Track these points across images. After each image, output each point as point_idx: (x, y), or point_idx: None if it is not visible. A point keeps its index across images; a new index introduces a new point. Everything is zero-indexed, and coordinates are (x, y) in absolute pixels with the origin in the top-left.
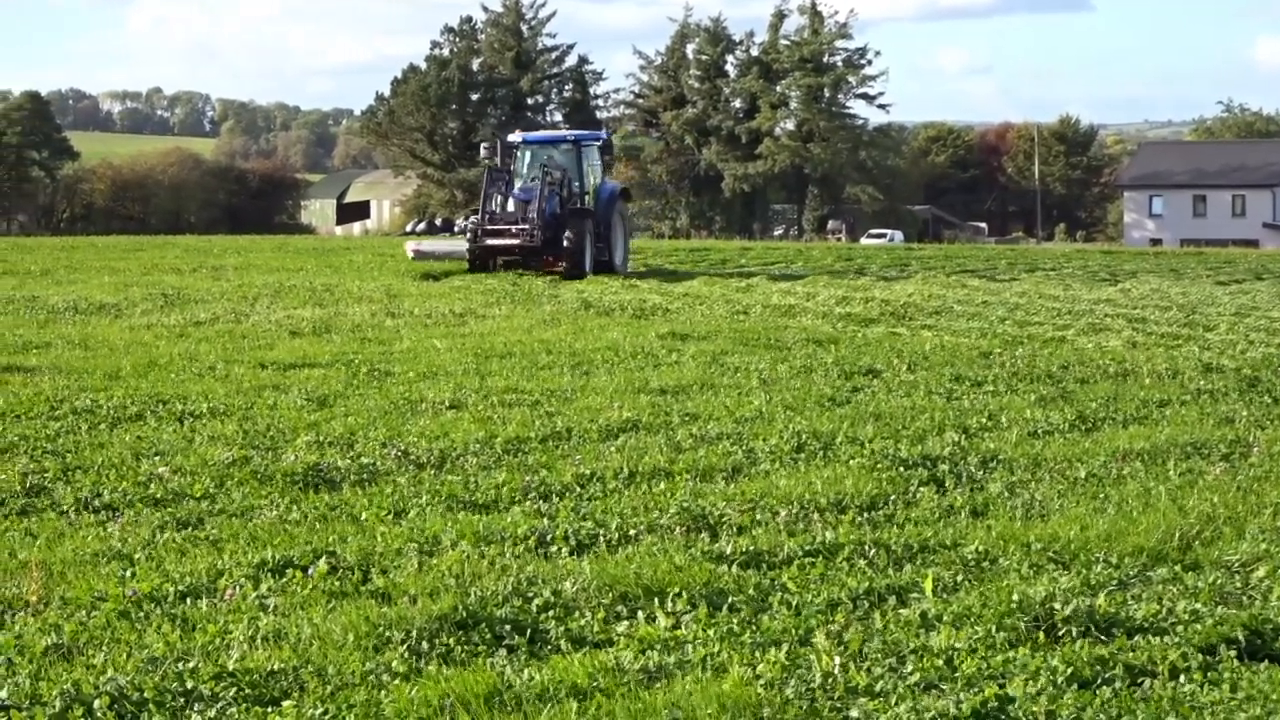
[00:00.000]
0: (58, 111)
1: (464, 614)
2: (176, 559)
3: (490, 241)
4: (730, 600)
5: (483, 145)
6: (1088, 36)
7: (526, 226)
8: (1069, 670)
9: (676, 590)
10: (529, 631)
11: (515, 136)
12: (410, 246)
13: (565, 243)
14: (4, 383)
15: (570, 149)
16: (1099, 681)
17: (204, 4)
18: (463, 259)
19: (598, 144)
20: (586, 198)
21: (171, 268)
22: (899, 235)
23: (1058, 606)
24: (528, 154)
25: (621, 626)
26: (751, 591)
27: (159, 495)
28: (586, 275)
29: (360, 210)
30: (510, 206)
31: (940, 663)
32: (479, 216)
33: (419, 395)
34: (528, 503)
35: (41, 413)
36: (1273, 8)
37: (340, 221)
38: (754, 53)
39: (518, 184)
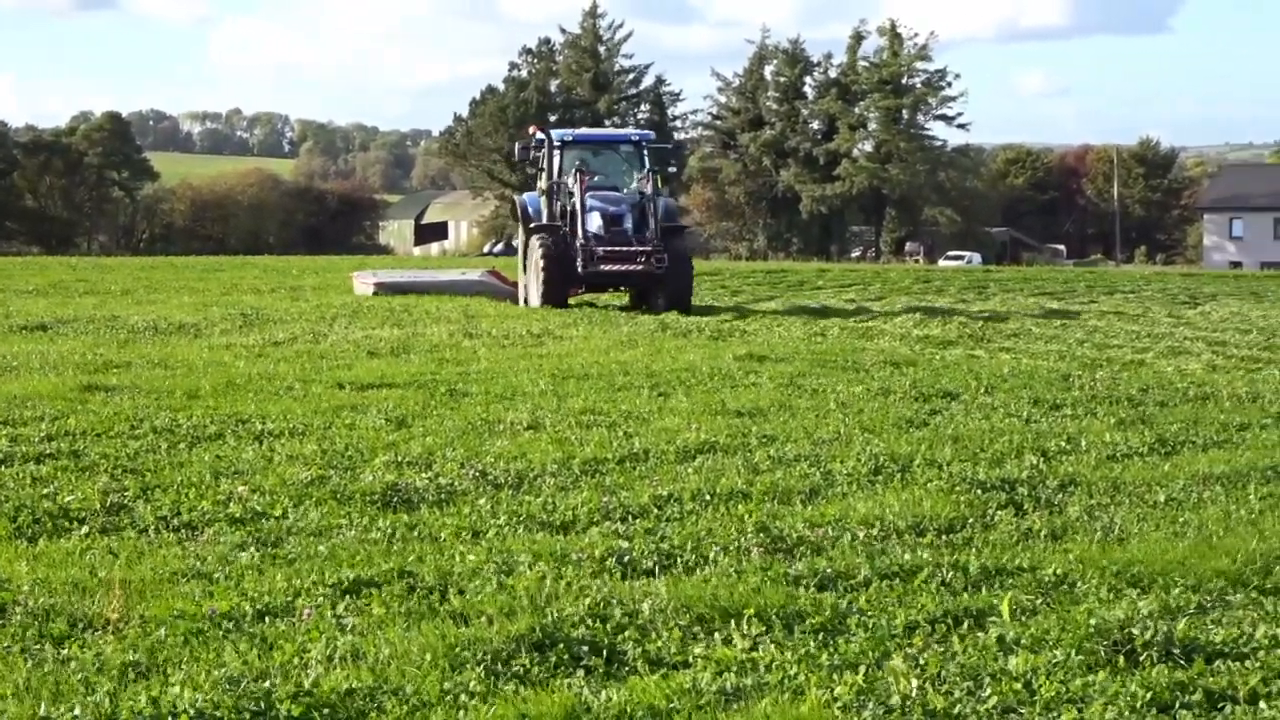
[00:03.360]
0: (138, 132)
1: (540, 634)
2: (255, 578)
3: (607, 268)
4: (807, 622)
5: (518, 146)
6: (1167, 58)
7: (649, 249)
8: (1148, 695)
9: (753, 612)
10: (605, 652)
11: (560, 134)
12: (364, 279)
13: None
14: (85, 401)
15: (633, 151)
16: (1178, 706)
17: (284, 28)
18: (425, 291)
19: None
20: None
21: (250, 288)
22: (977, 257)
23: (1136, 631)
24: (572, 156)
25: (698, 648)
26: (828, 613)
27: (238, 514)
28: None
29: (438, 231)
30: (591, 224)
31: (1018, 686)
32: (581, 238)
33: (497, 416)
34: (605, 524)
35: (121, 431)
36: None
37: (418, 242)
38: (832, 74)
39: (587, 195)
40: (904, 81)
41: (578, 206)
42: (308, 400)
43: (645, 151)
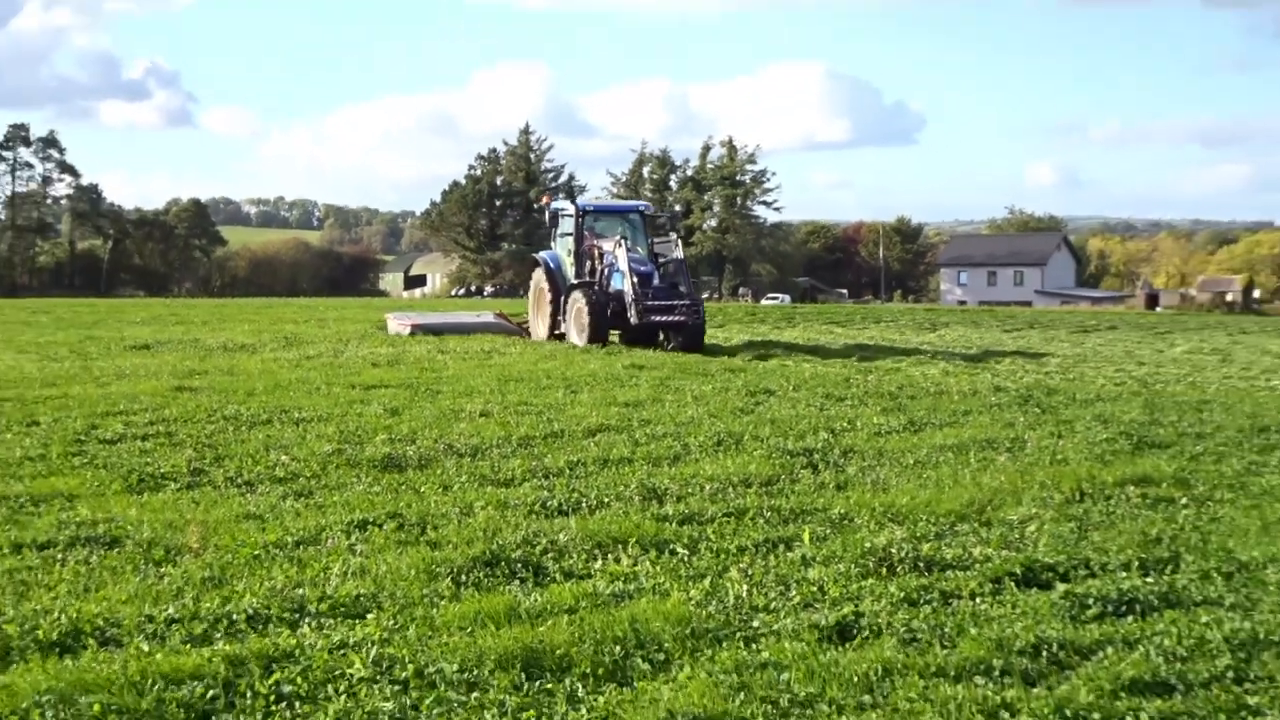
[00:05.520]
0: (211, 212)
1: (489, 556)
2: (293, 518)
3: (656, 318)
4: (671, 546)
5: (546, 213)
6: (915, 161)
7: (686, 302)
8: (901, 594)
9: (635, 540)
10: (534, 568)
11: (583, 204)
12: (401, 320)
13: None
14: (176, 398)
15: (638, 218)
16: (922, 601)
17: (312, 140)
18: (452, 332)
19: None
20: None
21: (290, 320)
22: (787, 298)
23: (894, 551)
24: (590, 221)
25: (597, 564)
26: (686, 540)
27: (281, 475)
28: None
29: (420, 280)
30: (617, 282)
31: (814, 588)
32: (632, 294)
33: (459, 407)
34: (534, 480)
35: (201, 418)
36: (1036, 147)
37: (406, 288)
38: (689, 173)
39: (620, 255)
40: (737, 178)
41: (622, 267)
42: (329, 396)
43: (645, 218)
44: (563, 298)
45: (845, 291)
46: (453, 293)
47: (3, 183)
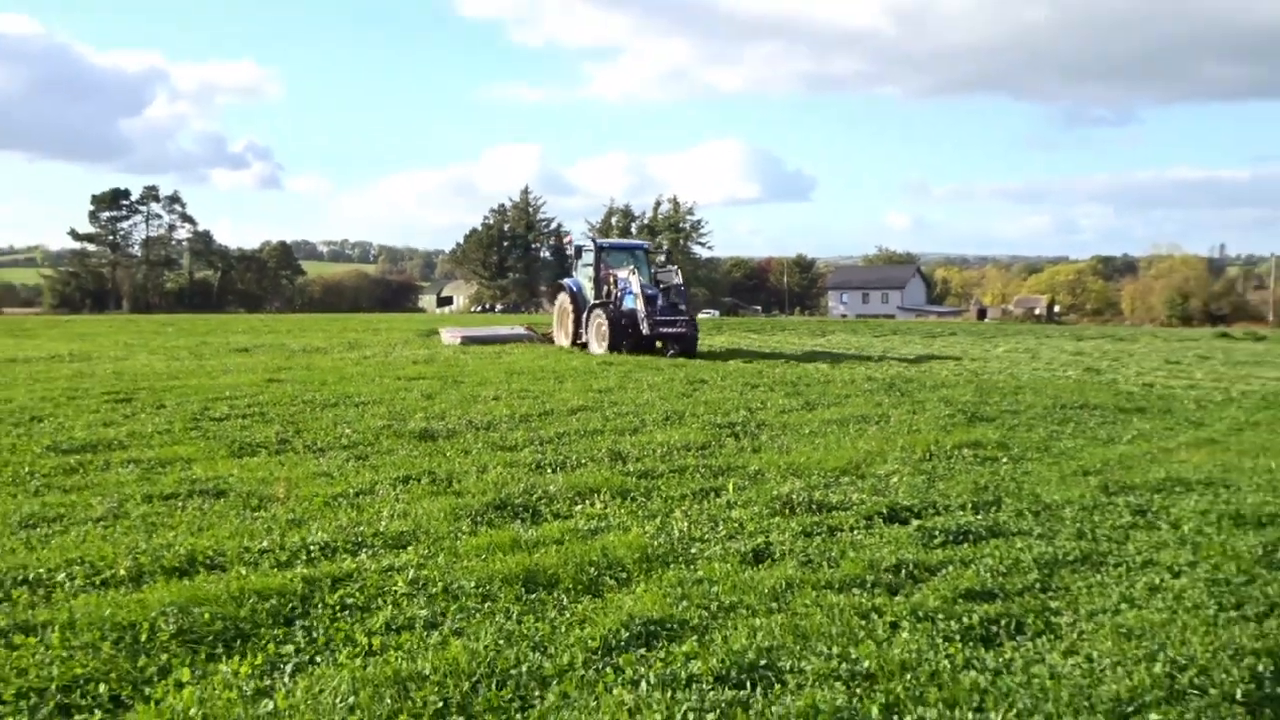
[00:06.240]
0: (294, 250)
1: (499, 502)
2: (354, 475)
3: (662, 330)
4: (632, 494)
5: (572, 246)
6: (810, 213)
7: (685, 318)
8: (799, 528)
9: (606, 489)
10: (531, 511)
11: (601, 241)
12: (453, 333)
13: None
14: (267, 387)
15: (641, 253)
16: (814, 533)
17: (369, 199)
18: (491, 342)
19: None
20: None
21: (352, 330)
22: (716, 313)
23: (794, 497)
24: (605, 255)
25: (578, 508)
26: (642, 490)
27: (345, 443)
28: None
29: (449, 300)
30: (629, 302)
31: (736, 525)
32: (643, 312)
33: (477, 393)
34: (532, 446)
35: (286, 402)
36: (895, 201)
37: (438, 306)
38: (645, 222)
39: (633, 281)
40: (680, 225)
41: (635, 290)
42: (381, 385)
43: (646, 253)
44: (584, 314)
45: (759, 308)
46: (472, 309)
47: (140, 229)
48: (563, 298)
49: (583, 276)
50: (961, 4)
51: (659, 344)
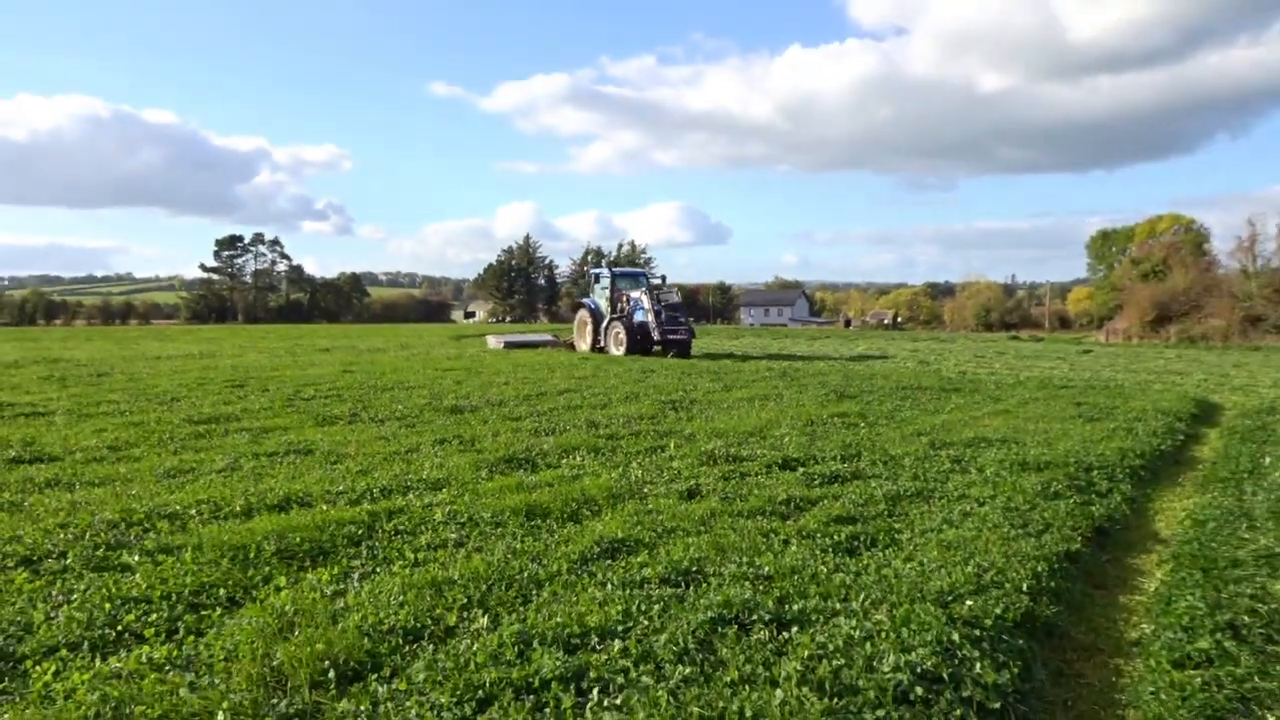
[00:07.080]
0: (362, 279)
1: (508, 456)
2: (405, 437)
3: (669, 336)
4: (601, 450)
5: (595, 273)
6: (729, 252)
7: (685, 326)
8: (721, 474)
9: (583, 447)
10: (530, 463)
11: (615, 269)
12: (496, 340)
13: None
14: (342, 376)
15: (643, 277)
16: (731, 478)
17: (416, 241)
18: (525, 347)
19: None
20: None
21: (404, 336)
22: None
23: (717, 453)
24: (619, 279)
25: (564, 460)
26: (610, 447)
27: (398, 416)
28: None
29: (472, 314)
30: (641, 315)
31: (676, 472)
32: (653, 322)
33: (493, 379)
34: (531, 417)
35: (355, 387)
36: (787, 243)
37: (465, 318)
38: (611, 259)
39: (644, 300)
40: (635, 261)
41: (646, 305)
42: (424, 374)
43: (646, 278)
44: (602, 326)
45: (692, 320)
46: (489, 321)
47: (250, 263)
48: (582, 313)
49: (599, 296)
50: (833, 107)
51: (657, 347)
